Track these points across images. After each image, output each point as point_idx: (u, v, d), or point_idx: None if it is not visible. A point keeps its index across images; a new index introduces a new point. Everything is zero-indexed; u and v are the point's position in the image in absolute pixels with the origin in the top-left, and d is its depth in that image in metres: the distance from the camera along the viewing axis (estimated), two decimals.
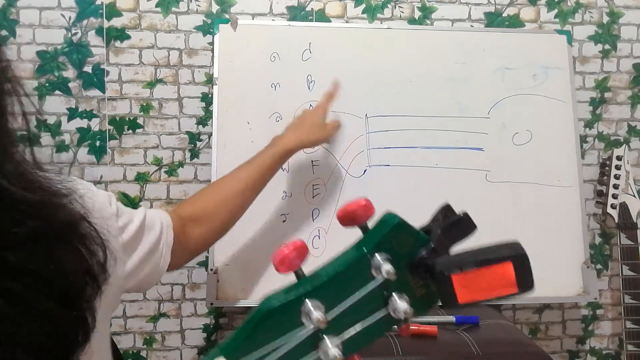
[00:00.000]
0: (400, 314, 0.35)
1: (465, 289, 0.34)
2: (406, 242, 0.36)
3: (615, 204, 1.27)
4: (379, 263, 0.35)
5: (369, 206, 0.36)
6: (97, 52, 1.25)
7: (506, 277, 0.35)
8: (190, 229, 0.79)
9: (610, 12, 1.35)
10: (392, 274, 0.34)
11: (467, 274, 0.34)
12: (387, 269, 0.34)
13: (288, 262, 0.34)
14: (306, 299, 0.33)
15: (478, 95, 1.22)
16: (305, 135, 0.97)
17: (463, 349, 0.95)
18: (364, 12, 1.30)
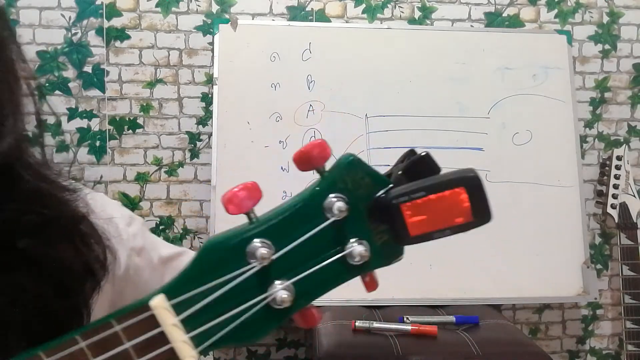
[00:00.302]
0: (355, 258, 0.32)
1: (417, 219, 0.32)
2: (364, 183, 0.33)
3: (615, 204, 1.27)
4: (331, 202, 0.32)
5: (324, 146, 0.34)
6: (97, 52, 1.25)
7: (459, 205, 0.32)
8: None
9: (610, 12, 1.35)
10: (345, 211, 0.32)
11: (416, 203, 0.32)
12: (339, 206, 0.32)
13: (237, 201, 0.32)
14: (254, 238, 0.32)
15: (478, 95, 1.22)
16: None
17: (463, 349, 0.95)
18: (364, 12, 1.30)
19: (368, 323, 1.00)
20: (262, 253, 0.31)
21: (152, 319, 0.30)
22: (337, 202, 0.32)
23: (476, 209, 0.32)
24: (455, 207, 0.32)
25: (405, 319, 1.04)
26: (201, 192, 1.29)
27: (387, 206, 0.32)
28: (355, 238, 0.33)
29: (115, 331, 0.30)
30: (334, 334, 1.00)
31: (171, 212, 1.29)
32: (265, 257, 0.31)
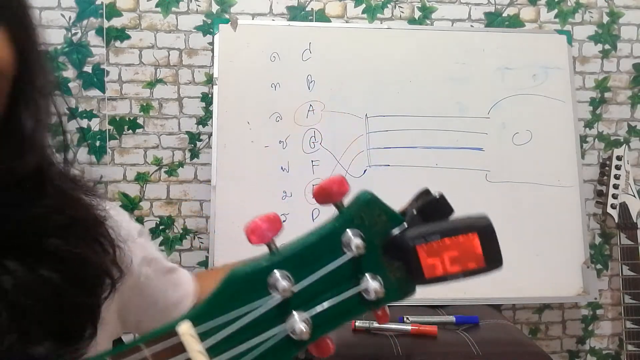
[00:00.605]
0: (371, 294, 0.34)
1: (431, 260, 0.33)
2: (380, 220, 0.35)
3: (615, 204, 1.27)
4: (349, 238, 0.34)
5: (343, 182, 0.36)
6: (97, 52, 1.25)
7: (472, 250, 0.34)
8: None
9: (610, 12, 1.35)
10: (361, 248, 0.34)
11: (432, 245, 0.33)
12: (357, 243, 0.34)
13: (260, 232, 0.33)
14: (274, 269, 0.33)
15: (478, 95, 1.22)
16: None
17: (463, 349, 0.95)
18: (364, 12, 1.30)
19: (368, 323, 1.00)
20: (283, 286, 0.32)
21: (179, 345, 0.31)
22: (355, 239, 0.34)
23: (488, 256, 0.34)
24: (469, 252, 0.34)
25: (405, 319, 1.04)
26: (201, 192, 1.29)
27: (404, 246, 0.34)
28: (370, 273, 0.34)
29: (144, 355, 0.31)
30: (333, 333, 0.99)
31: (171, 212, 1.29)
32: (286, 289, 0.32)
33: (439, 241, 0.33)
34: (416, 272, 0.34)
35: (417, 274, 0.34)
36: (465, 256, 0.34)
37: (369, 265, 0.35)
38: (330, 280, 0.34)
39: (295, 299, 0.33)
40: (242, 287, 0.33)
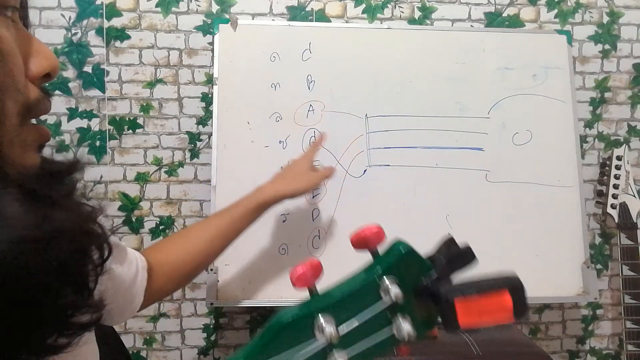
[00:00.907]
0: (403, 335, 0.38)
1: (466, 314, 0.37)
2: (412, 268, 0.39)
3: (615, 204, 1.27)
4: (387, 286, 0.38)
5: (381, 233, 0.40)
6: (97, 52, 1.25)
7: (503, 305, 0.38)
8: (155, 274, 0.77)
9: (610, 12, 1.35)
10: (400, 298, 0.38)
11: (468, 300, 0.37)
12: (396, 293, 0.37)
13: (304, 279, 0.38)
14: (319, 314, 0.37)
15: (478, 95, 1.22)
16: (284, 186, 0.93)
17: (463, 349, 0.95)
18: (364, 12, 1.30)
19: None
20: (329, 331, 0.36)
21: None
22: (393, 288, 0.38)
23: (517, 309, 0.38)
24: (500, 306, 0.38)
25: None
26: (201, 192, 1.29)
27: (442, 298, 0.38)
28: (402, 315, 0.39)
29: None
30: None
31: (171, 212, 1.29)
32: (333, 335, 0.36)
33: (475, 296, 0.37)
34: (452, 321, 0.37)
35: (453, 323, 0.37)
36: (497, 310, 0.38)
37: (402, 308, 0.39)
38: (367, 322, 0.38)
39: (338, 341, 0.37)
40: (290, 331, 0.36)
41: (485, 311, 0.37)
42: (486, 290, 0.37)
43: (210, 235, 0.85)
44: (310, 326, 0.37)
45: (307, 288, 0.38)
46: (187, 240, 0.84)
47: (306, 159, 1.02)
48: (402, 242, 0.40)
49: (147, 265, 0.75)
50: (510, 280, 0.38)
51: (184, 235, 0.88)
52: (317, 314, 0.37)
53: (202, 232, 0.86)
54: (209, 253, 0.86)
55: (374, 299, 0.38)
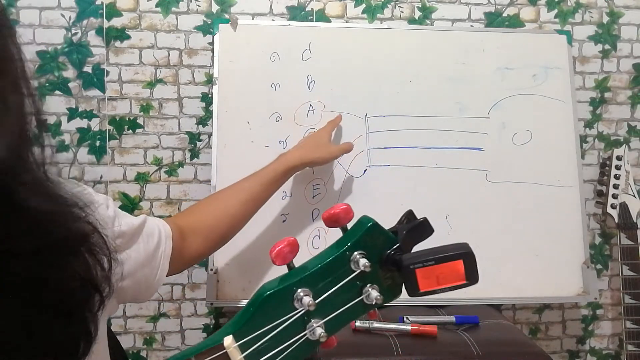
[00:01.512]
0: (372, 300, 0.43)
1: (426, 280, 0.43)
2: (378, 240, 0.44)
3: (615, 204, 1.27)
4: (356, 258, 0.43)
5: (349, 210, 0.45)
6: (97, 52, 1.25)
7: (457, 272, 0.43)
8: (189, 239, 0.78)
9: (610, 12, 1.35)
10: (368, 267, 0.42)
11: (427, 269, 0.43)
12: (364, 263, 0.42)
13: (283, 256, 0.42)
14: (297, 287, 0.42)
15: (478, 95, 1.22)
16: (308, 153, 0.99)
17: (463, 349, 0.95)
18: (364, 12, 1.30)
19: (368, 323, 1.00)
20: (308, 302, 0.41)
21: (225, 355, 0.40)
22: (362, 260, 0.43)
23: (469, 275, 0.44)
24: (455, 273, 0.43)
25: (405, 319, 1.04)
26: (201, 192, 1.29)
27: (404, 267, 0.43)
28: (370, 284, 0.44)
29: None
30: None
31: (171, 212, 1.29)
32: (311, 305, 0.41)
33: (434, 265, 0.43)
34: (413, 287, 0.43)
35: (414, 288, 0.43)
36: (452, 276, 0.43)
37: (369, 277, 0.44)
38: (340, 292, 0.43)
39: (314, 310, 0.42)
40: (274, 304, 0.41)
41: (442, 278, 0.43)
42: (443, 260, 0.43)
43: (244, 198, 0.88)
44: (289, 298, 0.41)
45: (286, 265, 0.43)
46: (221, 203, 0.87)
47: (326, 131, 1.08)
48: (367, 217, 0.44)
49: (179, 230, 0.76)
50: (464, 250, 0.44)
51: (216, 198, 0.90)
52: (296, 288, 0.41)
53: (235, 195, 0.88)
54: (243, 215, 0.89)
55: (345, 270, 0.43)
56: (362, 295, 0.44)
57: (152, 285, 0.67)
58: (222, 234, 0.85)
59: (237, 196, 0.88)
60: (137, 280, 0.63)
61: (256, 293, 0.42)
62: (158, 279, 0.68)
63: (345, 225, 0.45)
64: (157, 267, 0.68)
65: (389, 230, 0.45)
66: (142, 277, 0.64)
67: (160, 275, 0.68)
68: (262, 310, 0.41)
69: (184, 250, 0.77)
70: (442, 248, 0.44)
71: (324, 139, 1.05)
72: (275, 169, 0.94)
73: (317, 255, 0.44)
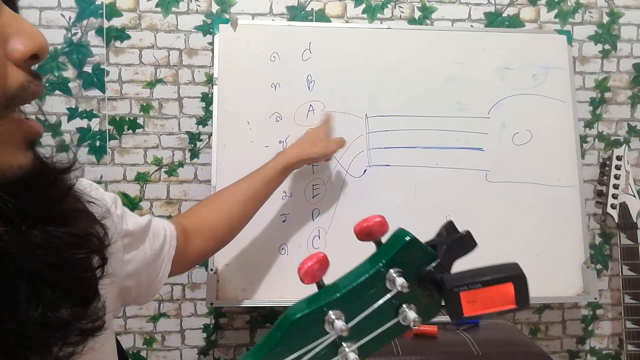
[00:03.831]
0: (409, 322, 0.39)
1: (470, 304, 0.39)
2: (415, 256, 0.40)
3: (615, 204, 1.27)
4: (392, 277, 0.38)
5: (384, 223, 0.40)
6: (97, 52, 1.25)
7: (506, 295, 0.39)
8: (192, 239, 0.79)
9: (610, 12, 1.35)
10: (406, 288, 0.38)
11: (473, 292, 0.38)
12: (401, 283, 0.38)
13: (312, 274, 0.38)
14: (328, 309, 0.37)
15: (478, 95, 1.22)
16: (306, 149, 1.00)
17: (463, 349, 0.95)
18: (364, 12, 1.30)
19: None
20: (340, 327, 0.37)
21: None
22: (399, 279, 0.38)
23: (519, 299, 0.40)
24: (503, 296, 0.39)
25: None
26: (201, 192, 1.29)
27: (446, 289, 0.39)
28: (407, 303, 0.40)
29: None
30: None
31: (171, 212, 1.29)
32: (344, 330, 0.37)
33: (480, 289, 0.39)
34: (456, 311, 0.39)
35: (457, 312, 0.39)
36: (500, 300, 0.39)
37: (406, 296, 0.40)
38: (375, 314, 0.39)
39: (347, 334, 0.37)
40: (302, 329, 0.37)
41: (488, 302, 0.39)
42: (490, 283, 0.39)
43: (244, 197, 0.89)
44: (320, 321, 0.37)
45: (315, 283, 0.39)
46: (222, 202, 0.88)
47: (322, 128, 1.08)
48: (404, 231, 0.40)
49: (182, 230, 0.77)
50: (514, 272, 0.40)
51: (217, 197, 0.91)
52: (327, 310, 0.37)
53: (235, 194, 0.89)
54: (244, 214, 0.89)
55: (380, 289, 0.39)
56: (398, 317, 0.39)
57: (154, 285, 0.68)
58: (224, 233, 0.86)
59: (237, 195, 0.89)
60: (140, 280, 0.63)
61: (282, 316, 0.38)
62: (160, 279, 0.68)
63: (379, 239, 0.41)
64: (159, 267, 0.68)
65: (426, 243, 0.41)
66: (145, 277, 0.65)
67: (162, 276, 0.69)
68: (289, 335, 0.37)
69: (188, 250, 0.77)
70: (489, 269, 0.40)
71: (322, 134, 1.05)
72: (274, 166, 0.94)
73: (350, 272, 0.40)
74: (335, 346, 0.38)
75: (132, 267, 0.61)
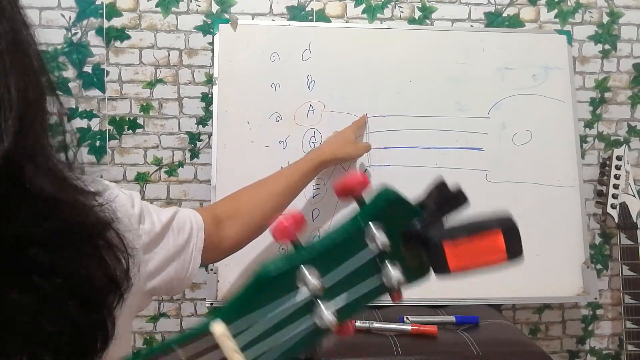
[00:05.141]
0: (393, 283, 0.36)
1: (457, 257, 0.35)
2: (400, 213, 0.37)
3: (615, 204, 1.27)
4: (373, 233, 0.35)
5: (366, 180, 0.37)
6: (97, 52, 1.25)
7: (496, 246, 0.36)
8: (227, 227, 0.79)
9: (610, 12, 1.35)
10: (387, 245, 0.35)
11: (458, 242, 0.35)
12: (382, 240, 0.35)
13: (285, 231, 0.35)
14: (302, 265, 0.34)
15: (478, 95, 1.22)
16: (339, 148, 1.04)
17: (463, 349, 0.95)
18: (364, 12, 1.30)
19: (368, 323, 1.00)
20: (313, 283, 0.34)
21: (214, 345, 0.33)
22: (380, 235, 0.35)
23: (510, 250, 0.36)
24: (493, 248, 0.36)
25: (405, 319, 1.04)
26: (201, 192, 1.29)
27: (430, 242, 0.35)
28: (390, 262, 0.36)
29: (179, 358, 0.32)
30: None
31: None
32: (316, 287, 0.34)
33: (466, 238, 0.35)
34: (441, 266, 0.35)
35: (442, 267, 0.35)
36: (490, 252, 0.35)
37: (389, 255, 0.36)
38: (354, 273, 0.35)
39: (323, 293, 0.34)
40: (271, 284, 0.34)
41: (477, 253, 0.36)
42: (477, 232, 0.36)
43: (281, 189, 0.91)
44: (293, 279, 0.34)
45: (289, 241, 0.35)
46: (261, 192, 0.89)
47: (352, 130, 1.12)
48: (389, 189, 0.38)
49: (214, 219, 0.77)
50: (502, 220, 0.37)
51: (257, 186, 0.92)
52: (300, 266, 0.34)
53: (273, 185, 0.91)
54: (281, 203, 0.91)
55: (360, 247, 0.36)
56: (381, 276, 0.36)
57: (185, 278, 0.67)
58: (259, 223, 0.85)
59: (274, 186, 0.90)
60: (168, 275, 0.63)
61: (256, 272, 0.35)
62: (190, 272, 0.68)
63: (362, 197, 0.37)
64: (188, 260, 0.67)
65: (417, 205, 0.39)
66: (172, 272, 0.64)
67: (192, 268, 0.68)
68: (259, 292, 0.34)
69: (220, 238, 0.77)
70: (477, 219, 0.36)
71: (351, 137, 1.09)
72: (311, 161, 0.97)
73: (329, 231, 0.36)
74: (311, 305, 0.35)
75: (154, 265, 0.60)
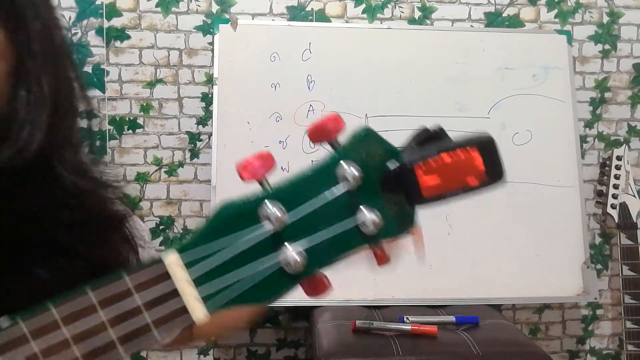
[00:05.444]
0: (368, 226, 0.32)
1: (430, 179, 0.32)
2: (377, 154, 0.34)
3: (615, 204, 1.26)
4: (345, 170, 0.32)
5: (339, 120, 0.34)
6: (97, 52, 1.25)
7: (473, 166, 0.32)
8: None
9: (610, 12, 1.35)
10: (358, 179, 0.32)
11: (430, 163, 0.32)
12: (353, 174, 0.32)
13: (251, 169, 0.32)
14: (266, 199, 0.32)
15: (478, 95, 1.22)
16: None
17: (463, 349, 0.95)
18: (364, 12, 1.30)
19: (368, 323, 1.00)
20: (275, 215, 0.31)
21: (166, 275, 0.31)
22: (350, 170, 0.32)
23: (490, 169, 0.32)
24: (468, 167, 0.32)
25: (405, 319, 1.04)
26: (201, 192, 1.29)
27: (401, 169, 0.32)
28: (366, 206, 0.32)
29: (127, 287, 0.30)
30: (334, 334, 1.00)
31: (171, 212, 1.29)
32: (278, 218, 0.31)
33: (436, 157, 0.32)
34: (414, 193, 0.32)
35: (415, 194, 0.32)
36: (465, 172, 0.32)
37: (367, 199, 0.33)
38: (325, 212, 0.32)
39: (288, 230, 0.32)
40: (232, 216, 0.32)
41: (452, 174, 0.32)
42: (450, 149, 0.32)
43: None
44: (255, 212, 0.32)
45: (257, 181, 0.33)
46: None
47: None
48: (365, 127, 0.34)
49: None
50: (479, 137, 0.32)
51: None
52: (265, 200, 0.32)
53: None
54: None
55: (331, 184, 0.32)
56: (356, 219, 0.32)
57: None
58: None
59: None
60: None
61: (215, 208, 0.33)
62: None
63: (337, 143, 0.34)
64: None
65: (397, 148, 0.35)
66: None
67: None
68: (217, 223, 0.32)
69: None
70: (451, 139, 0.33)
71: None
72: None
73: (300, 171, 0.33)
74: (276, 245, 0.32)
75: None
